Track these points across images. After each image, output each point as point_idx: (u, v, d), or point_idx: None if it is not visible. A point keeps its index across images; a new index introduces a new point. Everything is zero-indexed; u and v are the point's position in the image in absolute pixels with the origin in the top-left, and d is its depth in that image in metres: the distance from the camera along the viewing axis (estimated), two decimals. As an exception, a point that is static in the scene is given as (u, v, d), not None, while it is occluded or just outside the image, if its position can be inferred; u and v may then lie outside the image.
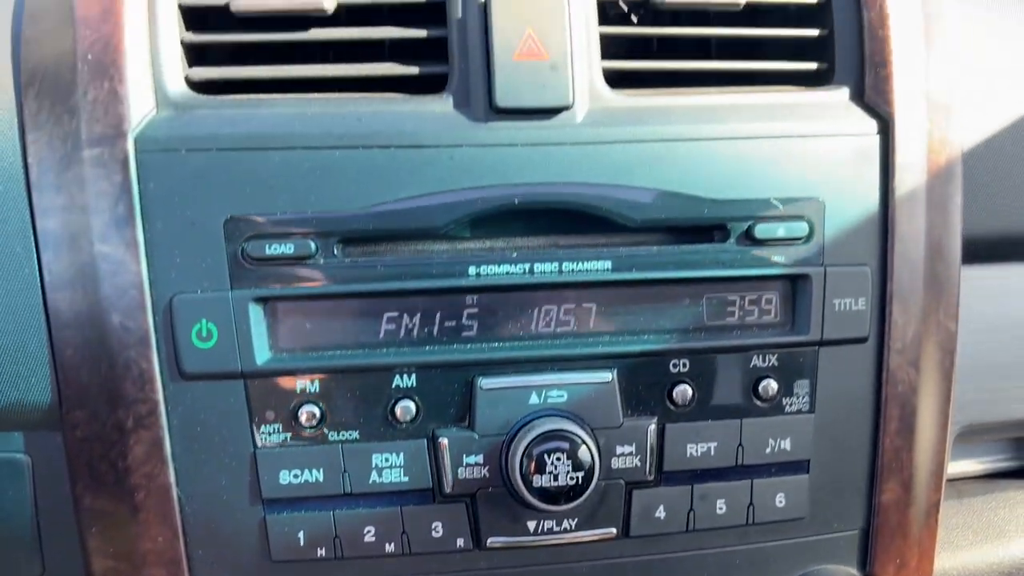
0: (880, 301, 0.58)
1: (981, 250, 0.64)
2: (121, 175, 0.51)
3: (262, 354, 0.52)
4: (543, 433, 0.52)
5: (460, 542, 0.54)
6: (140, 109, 0.52)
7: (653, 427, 0.55)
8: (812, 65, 0.59)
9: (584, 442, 0.52)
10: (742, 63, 0.58)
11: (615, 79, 0.56)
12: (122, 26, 0.52)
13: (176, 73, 0.53)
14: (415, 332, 0.54)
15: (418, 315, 0.54)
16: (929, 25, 0.60)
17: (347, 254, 0.53)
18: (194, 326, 0.51)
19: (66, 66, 0.52)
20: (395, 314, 0.54)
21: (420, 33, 0.55)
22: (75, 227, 0.52)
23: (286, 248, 0.52)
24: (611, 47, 0.57)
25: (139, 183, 0.51)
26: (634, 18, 0.61)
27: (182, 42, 0.54)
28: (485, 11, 0.53)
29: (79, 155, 0.51)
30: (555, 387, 0.54)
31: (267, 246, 0.52)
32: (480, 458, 0.53)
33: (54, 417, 0.54)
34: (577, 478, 0.52)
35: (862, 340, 0.58)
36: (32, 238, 0.53)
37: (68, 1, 0.53)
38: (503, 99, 0.53)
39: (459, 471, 0.53)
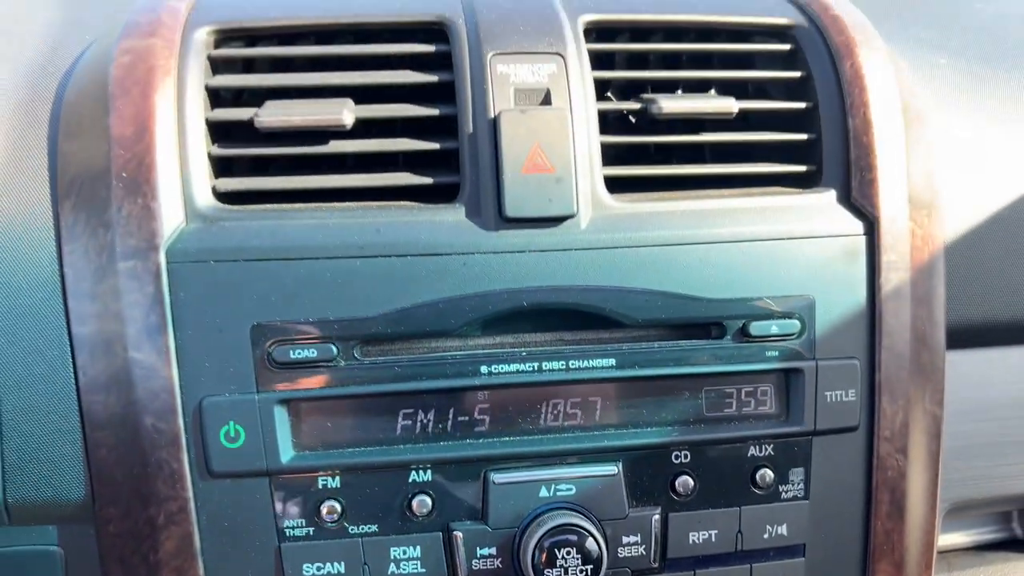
0: (869, 391, 0.61)
1: (965, 336, 0.68)
2: (153, 286, 0.54)
3: (286, 453, 0.55)
4: (553, 527, 0.54)
5: None
6: (171, 223, 0.55)
7: (657, 517, 0.58)
8: (801, 168, 0.63)
9: (592, 535, 0.55)
10: (735, 167, 0.62)
11: (615, 183, 0.60)
12: (154, 145, 0.55)
13: (204, 185, 0.57)
14: (430, 428, 0.57)
15: (432, 411, 0.57)
16: (910, 128, 0.64)
17: (366, 355, 0.56)
18: (222, 428, 0.54)
19: (102, 183, 0.55)
20: (411, 411, 0.57)
21: (433, 146, 0.59)
22: (109, 334, 0.55)
23: (309, 353, 0.55)
24: (611, 152, 0.60)
25: (170, 293, 0.54)
26: (631, 117, 0.64)
27: (209, 155, 0.57)
28: (494, 126, 0.57)
29: (114, 267, 0.55)
30: (564, 481, 0.57)
31: (291, 351, 0.55)
32: (493, 550, 0.56)
33: (87, 512, 0.57)
34: (587, 570, 0.55)
35: (852, 429, 0.61)
36: (68, 343, 0.56)
37: (103, 121, 0.56)
38: (512, 210, 0.56)
39: (473, 563, 0.56)
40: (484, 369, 0.56)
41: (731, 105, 0.61)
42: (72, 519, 0.58)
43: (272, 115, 0.57)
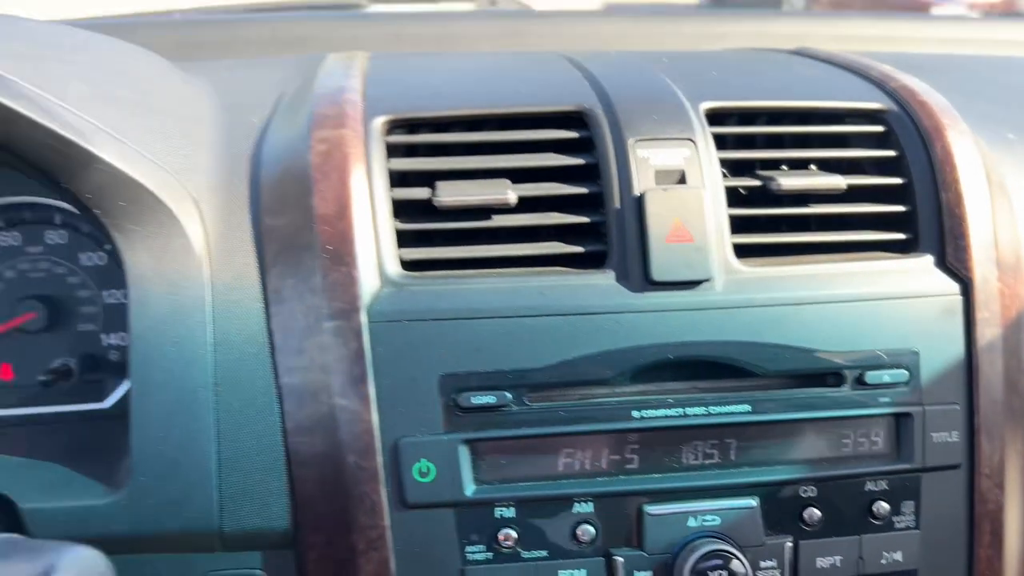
0: (969, 433, 0.69)
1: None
2: (356, 343, 0.63)
3: (469, 487, 0.64)
4: (706, 552, 0.62)
5: None
6: (369, 288, 0.64)
7: (790, 544, 0.66)
8: (901, 236, 0.71)
9: (740, 559, 0.63)
10: (846, 235, 0.71)
11: (740, 249, 0.69)
12: (352, 222, 0.65)
13: (392, 255, 0.66)
14: (588, 465, 0.65)
15: (590, 451, 0.65)
16: (995, 199, 0.73)
17: (534, 401, 0.65)
18: (415, 464, 0.63)
19: (308, 254, 0.65)
20: (571, 450, 0.65)
21: (584, 219, 0.68)
22: (315, 384, 0.64)
23: (488, 399, 0.64)
24: (736, 223, 0.69)
25: (371, 348, 0.63)
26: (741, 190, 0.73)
27: (396, 230, 0.67)
28: (639, 202, 0.66)
29: (320, 326, 0.64)
30: (709, 512, 0.65)
31: (472, 398, 0.63)
32: (650, 573, 0.64)
33: (289, 539, 0.65)
34: None
35: (956, 467, 0.69)
36: (273, 392, 0.65)
37: (307, 201, 0.66)
38: (658, 275, 0.65)
39: None
40: (636, 414, 0.65)
41: (841, 182, 0.70)
42: (275, 546, 0.66)
43: (450, 195, 0.67)
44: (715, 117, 0.73)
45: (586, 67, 0.79)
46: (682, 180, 0.68)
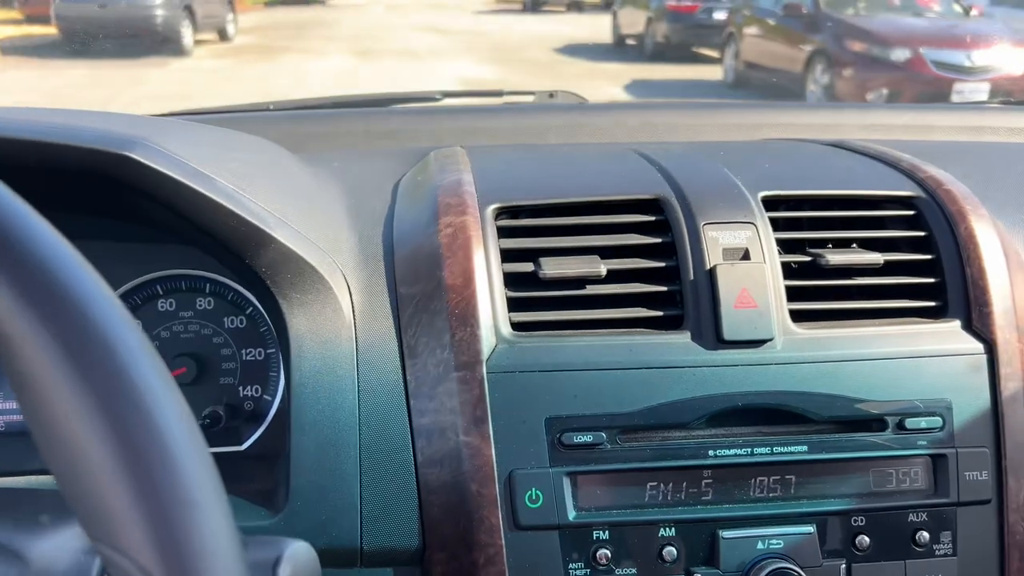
0: (998, 472, 0.80)
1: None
2: (479, 390, 0.77)
3: (571, 513, 0.76)
4: (773, 570, 0.74)
5: None
6: (488, 345, 0.78)
7: (843, 566, 0.77)
8: (932, 303, 0.84)
9: (801, 575, 0.74)
10: (887, 302, 0.83)
11: (796, 314, 0.82)
12: (475, 291, 0.79)
13: (505, 319, 0.80)
14: (670, 496, 0.77)
15: (671, 484, 0.78)
16: (1012, 272, 0.85)
17: (624, 441, 0.77)
18: (526, 492, 0.75)
19: (439, 317, 0.79)
20: (655, 483, 0.78)
21: (662, 288, 0.82)
22: (444, 424, 0.77)
23: (587, 438, 0.76)
24: (791, 293, 0.82)
25: (490, 395, 0.77)
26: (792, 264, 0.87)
27: (507, 298, 0.81)
28: (711, 275, 0.80)
29: (449, 375, 0.77)
30: (774, 537, 0.77)
31: (573, 437, 0.76)
32: None
33: (417, 557, 0.78)
34: None
35: (987, 502, 0.80)
36: (408, 431, 0.78)
37: (437, 274, 0.80)
38: (729, 335, 0.78)
39: None
40: (711, 452, 0.77)
41: (879, 258, 0.83)
42: (405, 563, 0.78)
43: (552, 269, 0.80)
44: (769, 203, 0.87)
45: (657, 161, 0.94)
46: (745, 256, 0.81)
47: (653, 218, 0.85)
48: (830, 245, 0.87)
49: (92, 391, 0.38)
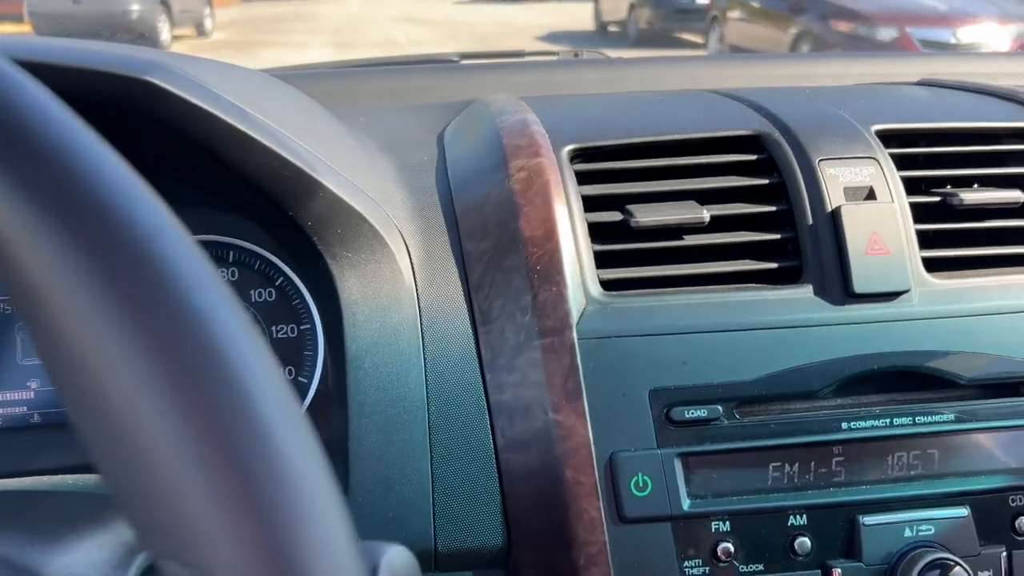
0: None
1: None
2: (569, 359, 0.64)
3: (685, 501, 0.64)
4: (930, 562, 0.62)
5: None
6: (577, 306, 0.66)
7: (1004, 554, 0.66)
8: None
9: (963, 567, 0.62)
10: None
11: (927, 263, 0.70)
12: (559, 243, 0.67)
13: (593, 276, 0.68)
14: (797, 479, 0.66)
15: (797, 464, 0.66)
16: None
17: (743, 415, 0.65)
18: (632, 479, 0.63)
19: (518, 275, 0.67)
20: (779, 464, 0.66)
21: (776, 236, 0.70)
22: (528, 400, 0.65)
23: (700, 413, 0.64)
24: (921, 238, 0.71)
25: (582, 364, 0.64)
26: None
27: (593, 251, 0.69)
28: (834, 218, 0.68)
29: (532, 343, 0.65)
30: (924, 522, 0.65)
31: (685, 412, 0.64)
32: None
33: (501, 558, 0.66)
34: None
35: None
36: (484, 409, 0.66)
37: (512, 225, 0.68)
38: (859, 287, 0.67)
39: None
40: (844, 425, 0.66)
41: (1020, 196, 0.72)
42: (488, 565, 0.66)
43: (647, 216, 0.68)
44: (883, 139, 0.75)
45: (745, 98, 0.82)
46: (870, 196, 0.70)
47: (755, 157, 0.73)
48: (949, 186, 0.76)
49: (169, 363, 0.26)
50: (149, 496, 0.27)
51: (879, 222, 0.68)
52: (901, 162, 0.75)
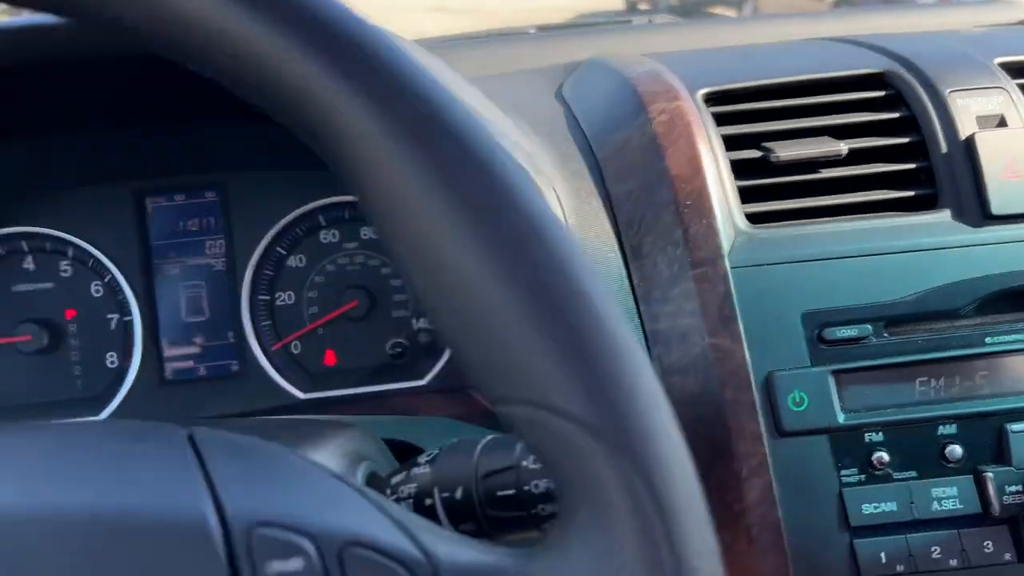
0: None
1: None
2: (724, 287, 0.69)
3: (840, 414, 0.68)
4: None
5: (1007, 556, 0.67)
6: (727, 237, 0.70)
7: None
8: None
9: None
10: None
11: None
12: (706, 179, 0.71)
13: (738, 210, 0.72)
14: (943, 392, 0.69)
15: (943, 377, 0.69)
16: None
17: (892, 334, 0.69)
18: (789, 395, 0.68)
19: (666, 211, 0.71)
20: (924, 379, 0.69)
21: (911, 166, 0.73)
22: (685, 328, 0.69)
23: (851, 332, 0.68)
24: None
25: (736, 291, 0.69)
26: None
27: (737, 187, 0.73)
28: (969, 145, 0.71)
29: (686, 275, 0.69)
30: None
31: (836, 332, 0.68)
32: (1020, 487, 0.67)
33: None
34: None
35: None
36: (641, 339, 0.70)
37: (658, 165, 0.72)
38: (997, 209, 0.70)
39: (1003, 499, 0.67)
40: (987, 340, 0.69)
41: None
42: None
43: (787, 151, 0.72)
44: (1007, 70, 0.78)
45: (863, 40, 0.85)
46: (1001, 124, 0.73)
47: (883, 94, 0.76)
48: None
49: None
50: (499, 347, 0.33)
51: (1015, 147, 0.71)
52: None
